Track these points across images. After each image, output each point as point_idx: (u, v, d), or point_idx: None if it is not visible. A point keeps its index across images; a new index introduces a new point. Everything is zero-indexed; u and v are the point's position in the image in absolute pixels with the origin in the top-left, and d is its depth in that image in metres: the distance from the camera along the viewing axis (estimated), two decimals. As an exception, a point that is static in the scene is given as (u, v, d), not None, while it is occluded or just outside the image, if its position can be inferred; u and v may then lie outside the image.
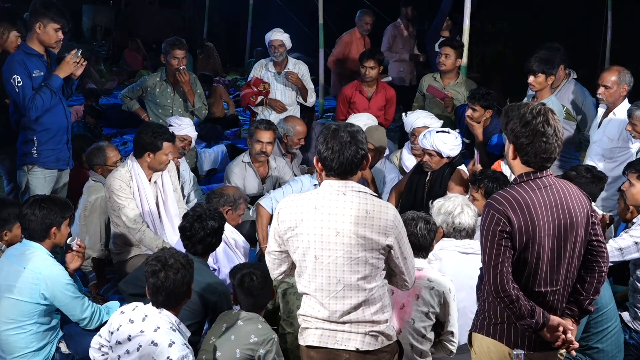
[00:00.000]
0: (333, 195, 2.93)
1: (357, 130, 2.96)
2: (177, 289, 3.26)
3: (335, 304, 2.95)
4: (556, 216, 2.91)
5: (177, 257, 3.29)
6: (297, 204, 2.97)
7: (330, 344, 2.98)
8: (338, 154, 2.90)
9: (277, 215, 3.01)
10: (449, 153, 5.12)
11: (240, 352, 3.47)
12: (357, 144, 2.91)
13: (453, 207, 3.99)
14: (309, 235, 2.92)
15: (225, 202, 4.77)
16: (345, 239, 2.90)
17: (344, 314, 2.95)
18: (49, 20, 4.90)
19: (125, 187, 4.73)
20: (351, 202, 2.91)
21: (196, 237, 3.93)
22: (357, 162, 2.92)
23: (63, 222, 3.91)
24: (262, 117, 6.94)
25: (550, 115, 2.89)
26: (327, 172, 2.96)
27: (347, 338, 2.98)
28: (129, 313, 3.30)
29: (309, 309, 3.02)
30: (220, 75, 12.03)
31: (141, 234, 4.75)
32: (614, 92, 5.34)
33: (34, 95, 4.85)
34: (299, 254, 2.97)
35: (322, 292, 2.95)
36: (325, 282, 2.94)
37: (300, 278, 3.02)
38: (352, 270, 2.92)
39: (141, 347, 3.19)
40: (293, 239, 2.97)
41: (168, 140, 4.80)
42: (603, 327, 4.00)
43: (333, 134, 2.92)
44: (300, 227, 2.93)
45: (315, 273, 2.95)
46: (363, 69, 6.75)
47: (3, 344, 3.81)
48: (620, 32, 9.22)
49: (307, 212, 2.93)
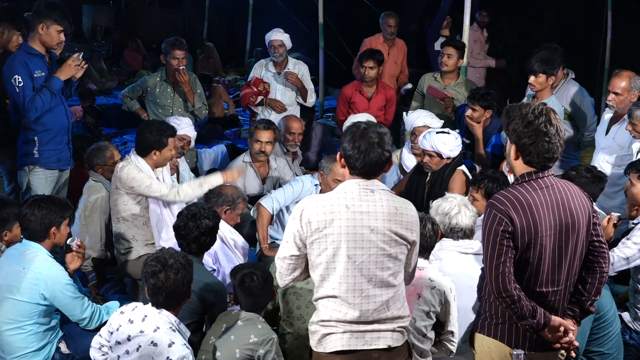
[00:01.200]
0: (362, 194, 2.92)
1: (385, 132, 2.95)
2: (177, 289, 3.25)
3: (367, 303, 2.92)
4: (558, 216, 2.90)
5: (176, 257, 3.28)
6: (324, 205, 2.90)
7: (360, 346, 2.95)
8: (364, 154, 2.88)
9: (300, 218, 2.92)
10: (449, 154, 5.11)
11: (240, 352, 3.47)
12: (383, 146, 2.91)
13: (450, 207, 3.99)
14: (340, 235, 2.88)
15: (224, 202, 4.77)
16: (379, 235, 2.89)
17: (375, 312, 2.93)
18: (52, 22, 4.90)
19: (140, 171, 4.74)
20: (381, 200, 2.92)
21: (190, 236, 3.92)
22: (381, 164, 2.93)
23: (62, 222, 3.90)
24: (262, 117, 6.94)
25: (552, 115, 2.89)
26: (351, 171, 2.95)
27: (377, 337, 2.96)
28: (128, 313, 3.29)
29: (334, 313, 2.94)
30: (220, 75, 12.03)
31: (181, 191, 4.76)
32: (624, 98, 5.21)
33: (34, 96, 4.85)
34: (327, 256, 2.91)
35: (354, 292, 2.91)
36: (358, 282, 2.91)
37: (325, 282, 2.94)
38: (383, 267, 2.92)
39: (141, 347, 3.18)
40: (320, 241, 2.90)
41: (172, 135, 4.86)
42: (605, 332, 4.02)
43: (362, 134, 2.90)
44: (330, 227, 2.88)
45: (347, 273, 2.90)
46: (362, 69, 6.75)
47: (3, 344, 3.81)
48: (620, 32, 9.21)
49: (337, 212, 2.88)
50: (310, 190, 5.19)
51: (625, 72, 5.35)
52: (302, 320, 3.91)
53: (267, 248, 5.10)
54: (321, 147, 7.25)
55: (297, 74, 7.07)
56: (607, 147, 5.41)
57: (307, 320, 3.89)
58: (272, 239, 5.32)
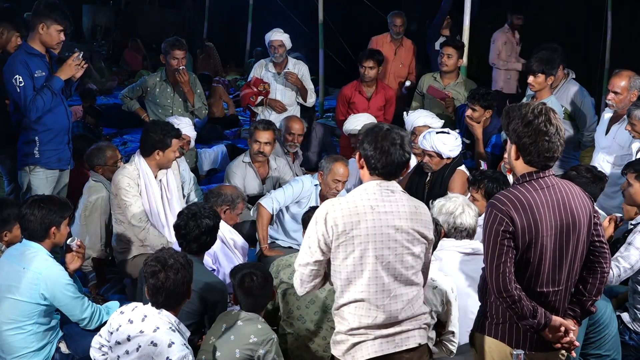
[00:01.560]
0: (384, 194, 2.93)
1: (405, 134, 2.98)
2: (177, 289, 3.25)
3: (396, 303, 2.92)
4: (559, 216, 2.90)
5: (176, 257, 3.28)
6: (348, 207, 2.88)
7: (391, 349, 2.94)
8: (386, 154, 2.89)
9: (325, 221, 2.88)
10: (449, 154, 5.12)
11: (239, 352, 3.46)
12: (404, 147, 2.92)
13: (454, 207, 3.98)
14: (367, 237, 2.87)
15: (223, 202, 4.77)
16: (404, 235, 2.91)
17: (402, 311, 2.94)
18: (52, 22, 4.90)
19: (133, 185, 4.75)
20: (402, 200, 2.95)
21: (191, 235, 3.92)
22: (402, 165, 2.95)
23: (62, 222, 3.90)
24: (262, 117, 6.95)
25: (552, 115, 2.89)
26: (371, 171, 2.95)
27: (406, 337, 2.97)
28: (128, 313, 3.29)
29: (364, 319, 2.91)
30: (220, 75, 12.03)
31: (145, 232, 4.75)
32: (624, 98, 5.21)
33: (34, 96, 4.85)
34: (355, 258, 2.88)
35: (382, 293, 2.91)
36: (386, 282, 2.90)
37: (351, 285, 2.90)
38: (407, 266, 2.93)
39: (140, 347, 3.18)
40: (347, 243, 2.88)
41: (176, 137, 4.85)
42: (601, 335, 4.02)
43: (384, 135, 2.91)
44: (357, 229, 2.87)
45: (376, 274, 2.89)
46: (362, 68, 6.75)
47: (3, 344, 3.80)
48: (620, 32, 9.21)
49: (363, 213, 2.88)
50: (310, 190, 5.19)
51: (625, 71, 5.34)
52: (302, 321, 3.91)
53: (267, 248, 5.10)
54: (321, 147, 7.25)
55: (297, 74, 7.07)
56: (607, 147, 5.40)
57: (307, 321, 3.90)
58: (272, 239, 5.33)
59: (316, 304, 3.90)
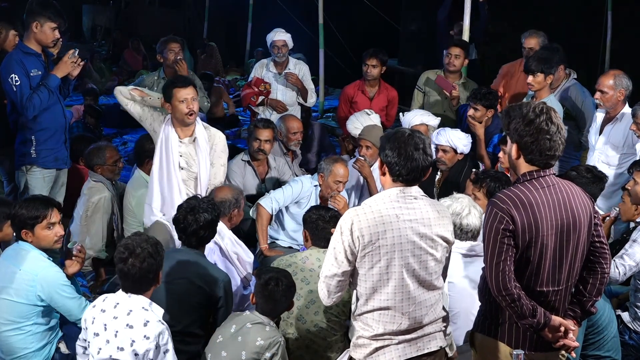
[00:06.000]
0: (407, 201, 2.92)
1: (426, 138, 2.97)
2: (143, 277, 3.28)
3: (420, 310, 2.94)
4: (559, 215, 2.90)
5: (144, 245, 3.29)
6: (374, 217, 2.87)
7: (414, 353, 2.96)
8: (410, 160, 2.88)
9: (350, 232, 2.86)
10: (463, 149, 5.28)
11: (245, 354, 3.47)
12: (427, 152, 2.91)
13: (461, 208, 3.95)
14: (394, 246, 2.87)
15: (230, 206, 4.65)
16: (428, 241, 2.91)
17: (425, 316, 2.95)
18: (45, 20, 4.90)
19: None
20: (425, 205, 2.94)
21: (189, 229, 3.91)
22: (425, 170, 2.93)
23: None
24: (262, 117, 6.93)
25: (553, 113, 2.90)
26: (395, 178, 2.92)
27: (428, 340, 2.99)
28: (100, 304, 3.34)
29: (389, 326, 2.93)
30: (221, 75, 12.03)
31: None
32: (611, 96, 5.22)
33: (31, 95, 4.84)
34: (381, 267, 2.88)
35: (408, 300, 2.91)
36: (412, 289, 2.91)
37: (377, 293, 2.91)
38: (431, 272, 2.94)
39: (118, 332, 3.22)
40: (373, 253, 2.87)
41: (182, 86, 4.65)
42: (600, 337, 4.02)
43: (407, 140, 2.90)
44: (383, 239, 2.86)
45: (403, 282, 2.89)
46: (365, 67, 6.71)
47: (2, 345, 3.80)
48: (620, 32, 9.21)
49: (389, 223, 2.86)
50: (309, 190, 5.18)
51: (612, 70, 5.41)
52: (303, 321, 3.91)
53: (267, 248, 5.09)
54: (320, 147, 7.24)
55: (298, 74, 7.06)
56: (601, 147, 5.41)
57: (307, 321, 3.89)
58: (272, 239, 5.32)
59: (316, 304, 3.89)
